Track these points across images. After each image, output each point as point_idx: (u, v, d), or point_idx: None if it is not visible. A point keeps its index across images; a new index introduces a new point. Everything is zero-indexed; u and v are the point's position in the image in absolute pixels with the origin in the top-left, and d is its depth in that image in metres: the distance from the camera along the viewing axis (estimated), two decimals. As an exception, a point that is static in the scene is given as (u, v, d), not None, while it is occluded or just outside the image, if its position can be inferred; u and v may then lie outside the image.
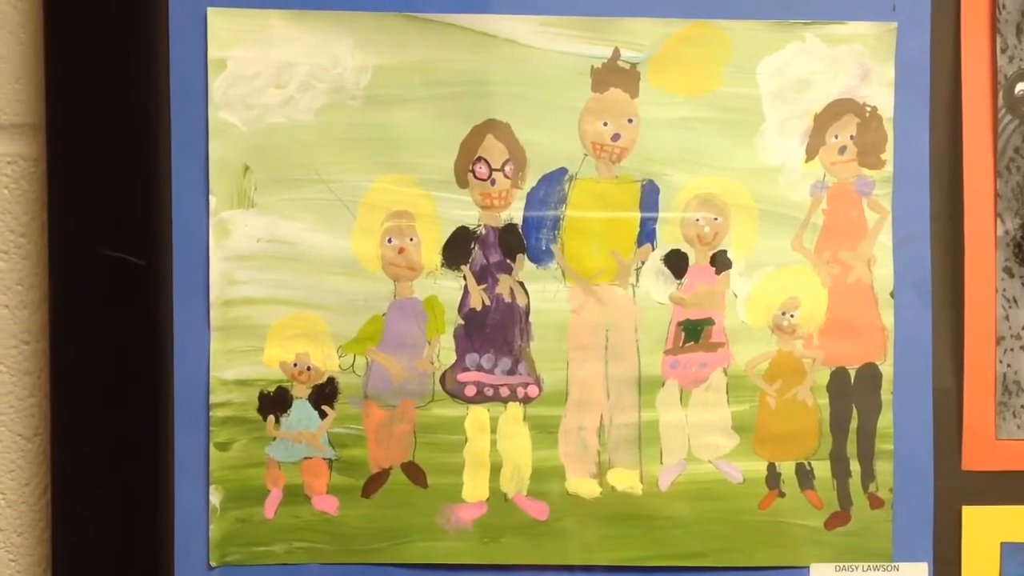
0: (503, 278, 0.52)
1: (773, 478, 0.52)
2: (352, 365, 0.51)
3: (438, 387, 0.52)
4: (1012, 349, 0.52)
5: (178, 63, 0.50)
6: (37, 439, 0.52)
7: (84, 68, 0.50)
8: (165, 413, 0.51)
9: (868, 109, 0.52)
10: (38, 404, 0.52)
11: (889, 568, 0.52)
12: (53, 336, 0.51)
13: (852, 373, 0.52)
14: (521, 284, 0.52)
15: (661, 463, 0.52)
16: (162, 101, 0.50)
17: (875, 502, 0.52)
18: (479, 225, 0.52)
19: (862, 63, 0.52)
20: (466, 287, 0.52)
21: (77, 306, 0.51)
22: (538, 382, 0.52)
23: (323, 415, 0.51)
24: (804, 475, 0.52)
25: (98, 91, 0.50)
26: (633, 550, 0.51)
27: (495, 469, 0.52)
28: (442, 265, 0.52)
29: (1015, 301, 0.52)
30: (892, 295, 0.52)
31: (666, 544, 0.51)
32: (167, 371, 0.51)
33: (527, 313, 0.52)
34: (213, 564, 0.51)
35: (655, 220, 0.52)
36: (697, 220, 0.52)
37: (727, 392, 0.52)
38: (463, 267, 0.52)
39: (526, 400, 0.52)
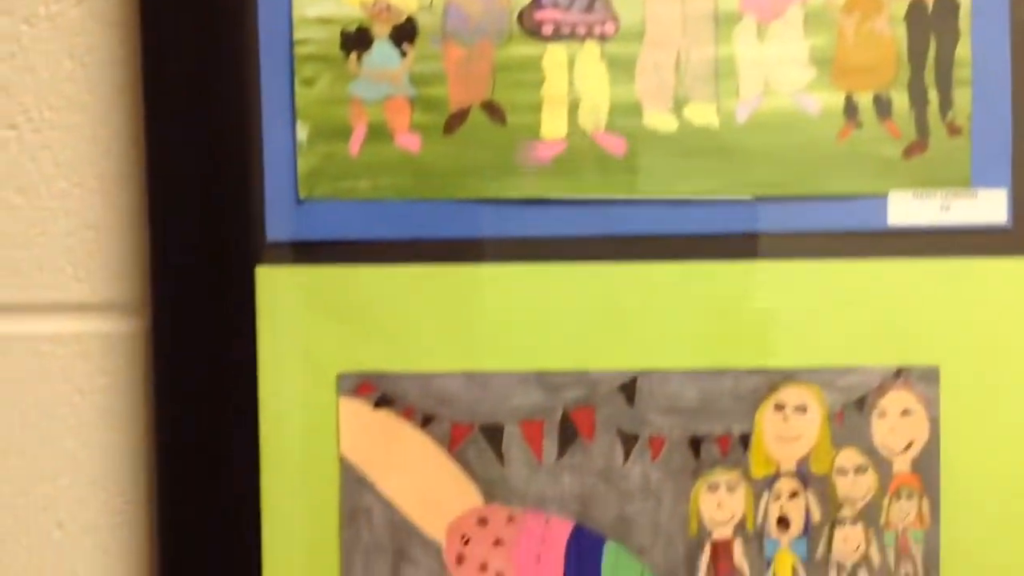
0: (578, -80, 0.52)
1: (851, 109, 0.52)
2: (430, 4, 0.52)
3: (515, 26, 0.52)
4: (1096, -26, 0.51)
5: None
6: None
7: None
8: (251, 52, 0.52)
9: None
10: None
11: (967, 194, 0.52)
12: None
13: (930, 2, 0.52)
14: (596, -75, 0.52)
15: (738, 97, 0.52)
16: None
17: (953, 130, 0.52)
18: None
19: None
20: (541, -71, 0.52)
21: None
22: (615, 19, 0.52)
23: (403, 54, 0.52)
24: (882, 105, 0.52)
25: None
26: (710, 181, 0.52)
27: (573, 106, 0.52)
28: (517, -93, 0.52)
29: (1100, -76, 0.51)
30: (972, -74, 0.51)
31: (743, 175, 0.52)
32: (250, 10, 0.52)
33: (602, -47, 0.52)
34: (302, 196, 0.52)
35: None
36: None
37: (804, 25, 0.52)
38: (538, -91, 0.52)
39: (603, 37, 0.52)
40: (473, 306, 0.53)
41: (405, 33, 0.52)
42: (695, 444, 0.53)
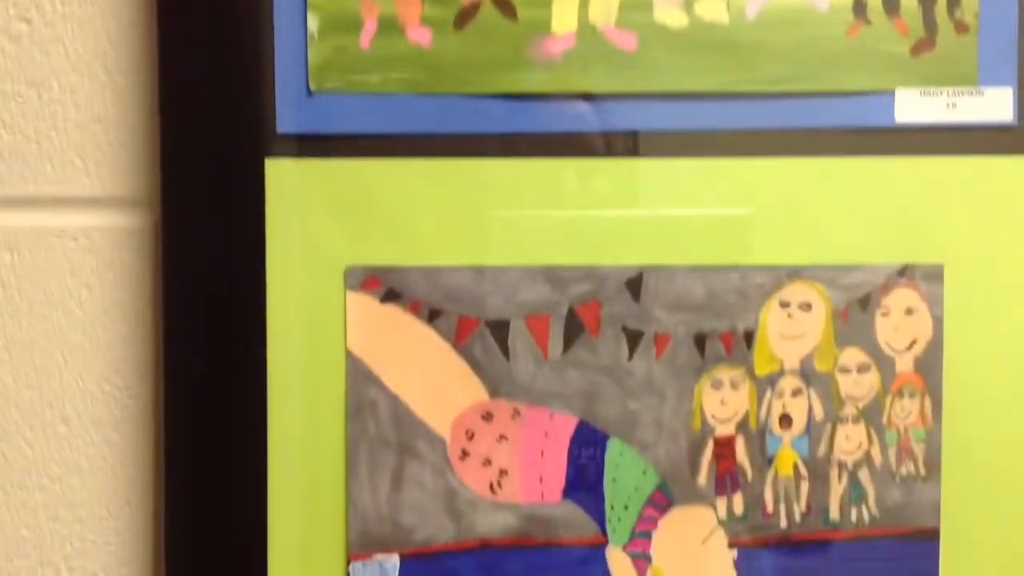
0: None
1: (860, 6, 0.52)
2: (443, -100, 0.52)
3: (527, -80, 0.52)
4: None
5: None
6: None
7: None
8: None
9: None
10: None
11: (974, 93, 0.52)
12: None
13: (941, -98, 0.52)
14: None
15: (748, -7, 0.52)
16: None
17: (960, 28, 0.52)
18: None
19: None
20: None
21: None
22: (626, -84, 0.52)
23: (416, -53, 0.52)
24: (890, 2, 0.52)
25: None
26: (720, 77, 0.52)
27: (583, 1, 0.52)
28: None
29: None
30: None
31: (753, 71, 0.52)
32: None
33: None
34: (313, 89, 0.52)
35: None
36: None
37: (814, -76, 0.52)
38: None
39: (614, -65, 0.52)
40: (481, 201, 0.53)
41: (416, -71, 0.52)
42: (700, 341, 0.53)
